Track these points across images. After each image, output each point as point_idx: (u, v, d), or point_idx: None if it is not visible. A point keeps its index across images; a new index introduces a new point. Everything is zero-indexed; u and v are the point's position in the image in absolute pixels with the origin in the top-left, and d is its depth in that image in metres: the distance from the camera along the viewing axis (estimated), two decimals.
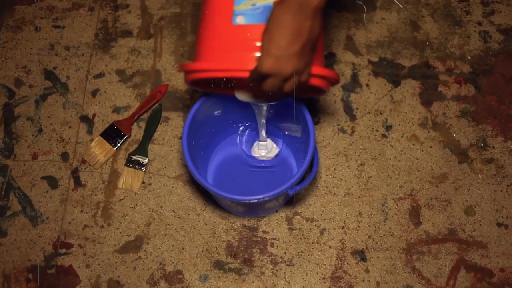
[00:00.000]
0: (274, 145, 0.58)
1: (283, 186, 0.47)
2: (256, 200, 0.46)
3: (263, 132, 0.54)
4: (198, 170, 0.48)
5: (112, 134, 0.60)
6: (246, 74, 0.37)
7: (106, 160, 0.60)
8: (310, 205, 0.58)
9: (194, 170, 0.47)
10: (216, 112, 0.53)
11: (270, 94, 0.39)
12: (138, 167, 0.59)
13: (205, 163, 0.57)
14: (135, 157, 0.59)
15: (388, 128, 0.61)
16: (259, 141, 0.57)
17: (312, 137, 0.48)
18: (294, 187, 0.48)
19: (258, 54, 0.37)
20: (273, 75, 0.35)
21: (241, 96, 0.46)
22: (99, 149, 0.60)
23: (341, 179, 0.59)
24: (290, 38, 0.33)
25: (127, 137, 0.60)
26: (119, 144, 0.60)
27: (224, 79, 0.43)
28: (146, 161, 0.59)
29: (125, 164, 0.59)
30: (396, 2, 0.56)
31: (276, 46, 0.33)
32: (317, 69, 0.40)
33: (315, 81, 0.41)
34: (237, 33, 0.39)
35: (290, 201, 0.58)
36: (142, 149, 0.60)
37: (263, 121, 0.52)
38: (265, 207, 0.54)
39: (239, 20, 0.38)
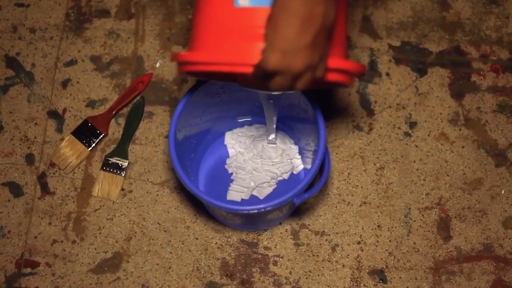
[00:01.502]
0: (288, 149, 0.54)
1: (288, 194, 0.44)
2: (256, 211, 0.43)
3: (272, 131, 0.51)
4: (187, 174, 0.45)
5: (86, 132, 0.57)
6: (249, 70, 0.33)
7: (79, 163, 0.57)
8: (320, 216, 0.55)
9: (182, 174, 0.44)
10: (210, 105, 0.50)
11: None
12: (116, 171, 0.56)
13: (196, 167, 0.55)
14: (113, 160, 0.57)
15: (412, 125, 0.58)
16: (268, 141, 0.53)
17: (323, 136, 0.45)
18: (301, 195, 0.45)
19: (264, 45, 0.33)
20: (280, 73, 0.32)
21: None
22: (71, 150, 0.57)
23: (357, 185, 0.56)
24: (299, 27, 0.30)
25: (103, 136, 0.58)
26: (94, 144, 0.57)
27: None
28: (126, 164, 0.56)
29: (101, 168, 0.57)
30: None
31: (282, 38, 0.30)
32: (335, 62, 0.36)
33: (333, 76, 0.36)
34: (240, 17, 0.35)
35: (296, 211, 0.55)
36: (121, 150, 0.57)
37: (273, 117, 0.48)
38: (267, 219, 0.51)
39: (243, 2, 0.34)
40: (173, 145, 0.44)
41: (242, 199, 0.53)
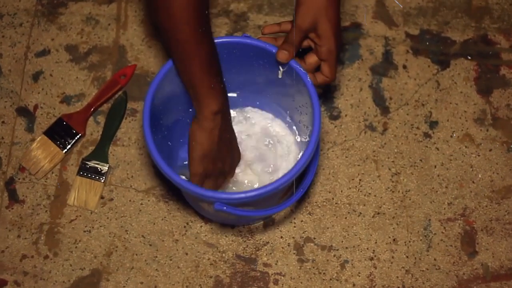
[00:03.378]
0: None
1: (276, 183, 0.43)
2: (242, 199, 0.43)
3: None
4: (167, 163, 0.44)
5: (61, 132, 0.57)
6: None
7: (52, 167, 0.56)
8: (328, 228, 0.54)
9: (158, 158, 0.43)
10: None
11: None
12: (95, 176, 0.55)
13: (175, 154, 0.53)
14: (91, 164, 0.56)
15: (433, 124, 0.58)
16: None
17: (317, 124, 0.44)
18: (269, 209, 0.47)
19: None
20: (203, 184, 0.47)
21: None
22: (43, 153, 0.56)
23: (369, 193, 0.55)
24: (200, 154, 0.44)
25: (80, 137, 0.57)
26: (69, 146, 0.57)
27: None
28: (106, 168, 0.56)
29: (78, 173, 0.56)
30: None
31: (192, 166, 0.45)
32: None
33: None
34: None
35: (301, 223, 0.54)
36: (100, 152, 0.56)
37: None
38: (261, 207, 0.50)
39: None
40: (148, 125, 0.43)
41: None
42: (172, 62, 0.44)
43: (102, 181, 0.54)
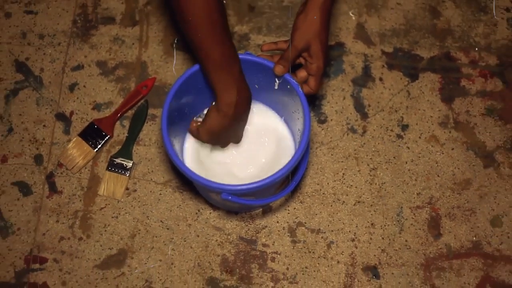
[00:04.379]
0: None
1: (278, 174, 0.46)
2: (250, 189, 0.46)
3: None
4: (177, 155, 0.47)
5: (92, 134, 0.60)
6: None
7: (85, 163, 0.59)
8: (316, 214, 0.57)
9: (174, 155, 0.46)
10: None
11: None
12: (121, 171, 0.58)
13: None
14: (118, 160, 0.59)
15: (404, 127, 0.61)
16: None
17: (307, 126, 0.47)
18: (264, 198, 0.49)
19: None
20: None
21: None
22: (77, 151, 0.59)
23: (351, 185, 0.58)
24: (208, 129, 0.49)
25: (109, 138, 0.60)
26: (99, 146, 0.60)
27: None
28: (131, 164, 0.59)
29: (107, 168, 0.59)
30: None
31: (199, 134, 0.51)
32: None
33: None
34: None
35: (293, 210, 0.57)
36: (125, 151, 0.59)
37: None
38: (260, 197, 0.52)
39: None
40: (166, 122, 0.46)
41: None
42: (196, 58, 0.45)
43: (127, 175, 0.58)
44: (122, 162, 0.58)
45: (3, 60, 0.63)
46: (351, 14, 0.64)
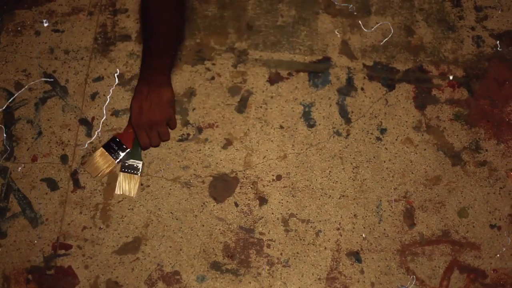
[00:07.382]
0: None
1: None
2: None
3: None
4: None
5: (114, 147, 0.61)
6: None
7: (108, 172, 0.61)
8: (306, 207, 0.60)
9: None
10: None
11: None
12: (133, 171, 0.61)
13: None
14: (129, 162, 0.61)
15: (383, 131, 0.64)
16: None
17: None
18: None
19: None
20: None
21: None
22: (102, 161, 0.61)
23: (337, 181, 0.61)
24: (137, 104, 0.57)
25: (129, 151, 0.62)
26: (120, 157, 0.62)
27: None
28: (141, 165, 0.61)
29: (121, 170, 0.61)
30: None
31: (132, 116, 0.59)
32: None
33: None
34: None
35: (286, 203, 0.58)
36: (135, 153, 0.61)
37: None
38: None
39: None
40: None
41: None
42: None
43: (139, 174, 0.60)
44: (133, 163, 0.60)
45: (34, 72, 0.66)
46: (336, 33, 0.67)
